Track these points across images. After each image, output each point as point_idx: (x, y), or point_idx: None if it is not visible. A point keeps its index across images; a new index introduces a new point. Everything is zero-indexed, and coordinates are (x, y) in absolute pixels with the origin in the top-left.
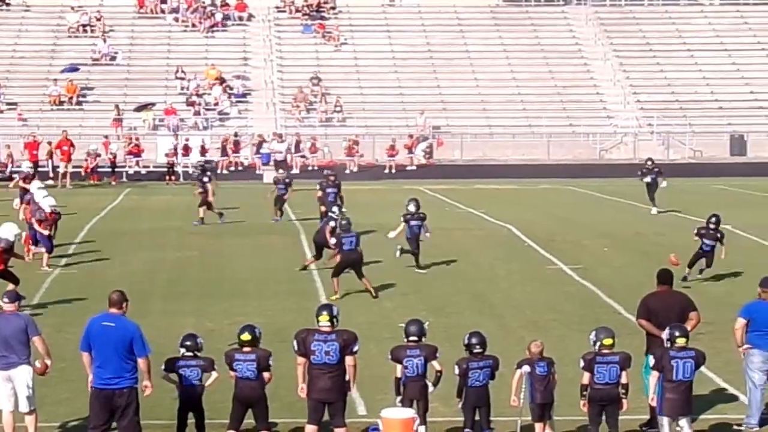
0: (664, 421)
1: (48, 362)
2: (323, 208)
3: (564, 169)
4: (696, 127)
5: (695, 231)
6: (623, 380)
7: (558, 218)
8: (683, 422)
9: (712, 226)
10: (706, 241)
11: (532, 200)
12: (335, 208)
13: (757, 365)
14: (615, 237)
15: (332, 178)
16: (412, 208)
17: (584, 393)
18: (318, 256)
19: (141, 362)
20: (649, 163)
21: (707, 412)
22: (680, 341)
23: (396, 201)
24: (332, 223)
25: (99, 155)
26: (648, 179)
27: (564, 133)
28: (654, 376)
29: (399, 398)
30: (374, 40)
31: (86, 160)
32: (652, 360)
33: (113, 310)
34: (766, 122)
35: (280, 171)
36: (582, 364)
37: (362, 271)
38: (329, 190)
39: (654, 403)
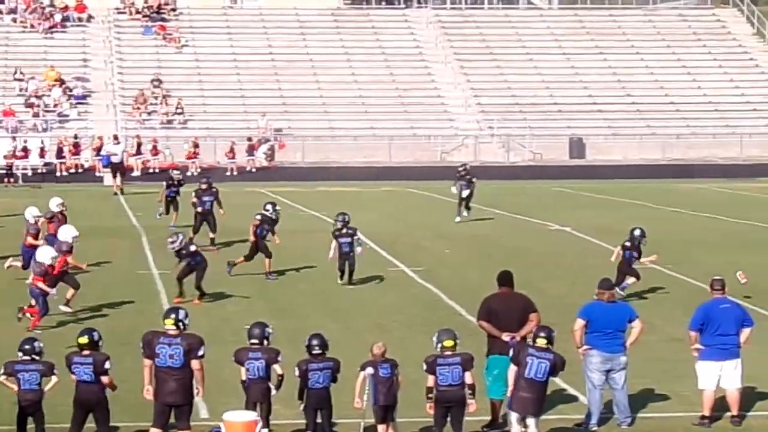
0: (513, 417)
1: None
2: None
3: (405, 172)
4: (536, 129)
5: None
6: (468, 381)
7: (400, 220)
8: (530, 421)
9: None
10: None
11: (374, 202)
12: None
13: (596, 366)
14: (455, 239)
15: (204, 187)
16: (339, 224)
17: (429, 395)
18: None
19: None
20: (462, 169)
21: (548, 412)
22: (540, 342)
23: (238, 204)
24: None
25: None
26: (455, 189)
27: (405, 135)
28: (511, 369)
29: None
30: (215, 42)
31: None
32: (511, 352)
33: None
34: (605, 125)
35: (175, 171)
36: (425, 366)
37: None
38: (205, 198)
39: (510, 395)
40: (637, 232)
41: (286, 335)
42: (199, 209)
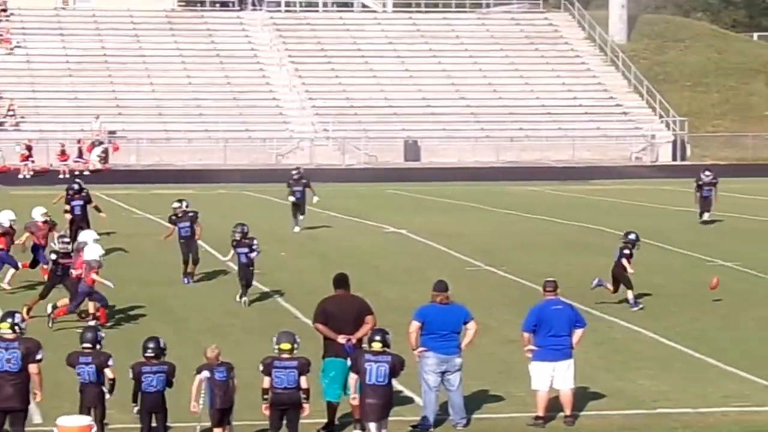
0: (371, 425)
1: None
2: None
3: (241, 174)
4: (371, 132)
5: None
6: (303, 385)
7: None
8: (372, 427)
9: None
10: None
11: (210, 205)
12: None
13: (431, 368)
14: (292, 242)
15: (72, 192)
16: (237, 236)
17: (265, 397)
18: None
19: None
20: (295, 173)
21: None
22: (376, 345)
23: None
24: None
25: None
26: (292, 198)
27: (241, 138)
28: (352, 377)
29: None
30: (48, 43)
31: None
32: (350, 361)
33: None
34: (439, 128)
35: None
36: (261, 368)
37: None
38: (74, 203)
39: (355, 403)
40: (632, 236)
41: (120, 338)
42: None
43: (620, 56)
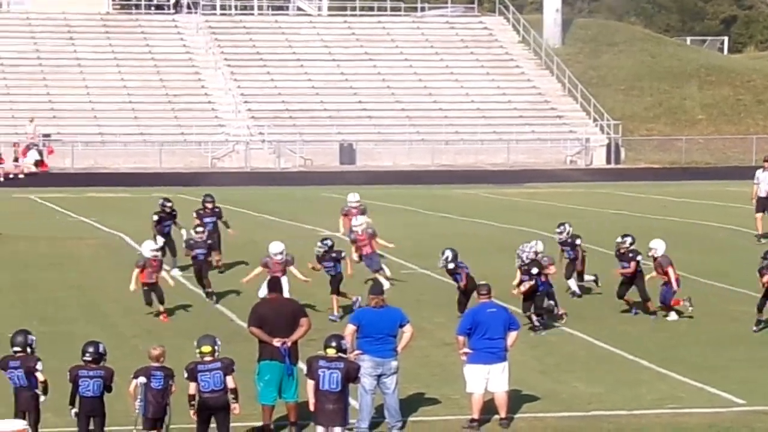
0: (318, 429)
1: None
2: None
3: (176, 177)
4: (306, 135)
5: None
6: (230, 385)
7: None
8: (336, 431)
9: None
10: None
11: (144, 209)
12: None
13: (367, 371)
14: (229, 246)
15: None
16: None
17: (192, 402)
18: None
19: None
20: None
21: None
22: (330, 351)
23: (6, 210)
24: None
25: None
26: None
27: (176, 141)
28: (310, 383)
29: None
30: None
31: None
32: (305, 368)
33: None
34: (375, 131)
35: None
36: (185, 374)
37: None
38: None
39: (312, 408)
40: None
41: (52, 342)
42: None
43: (555, 60)
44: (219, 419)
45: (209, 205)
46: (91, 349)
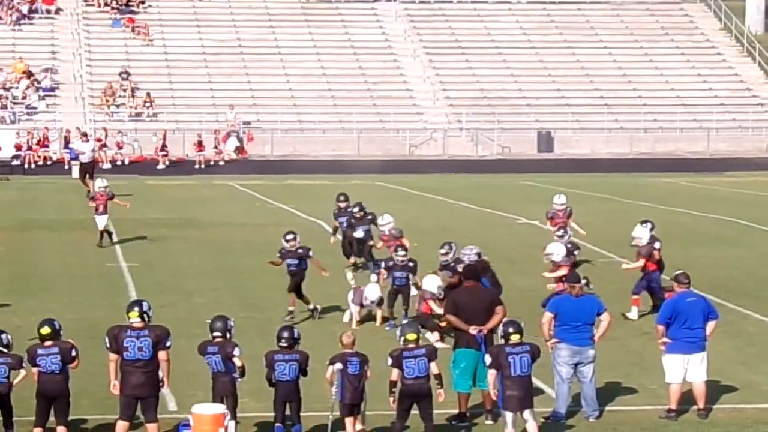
0: (508, 416)
1: None
2: None
3: (374, 165)
4: (504, 123)
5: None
6: (434, 371)
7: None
8: (527, 414)
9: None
10: None
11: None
12: None
13: (564, 359)
14: (424, 232)
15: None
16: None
17: (393, 389)
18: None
19: None
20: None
21: None
22: (514, 337)
23: (207, 196)
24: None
25: None
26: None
27: (374, 129)
28: (491, 374)
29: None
30: (184, 34)
31: None
32: (488, 359)
33: None
34: (573, 119)
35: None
36: (390, 361)
37: None
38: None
39: (495, 398)
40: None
41: (254, 327)
42: None
43: (757, 47)
44: (422, 406)
45: (342, 204)
46: (285, 335)
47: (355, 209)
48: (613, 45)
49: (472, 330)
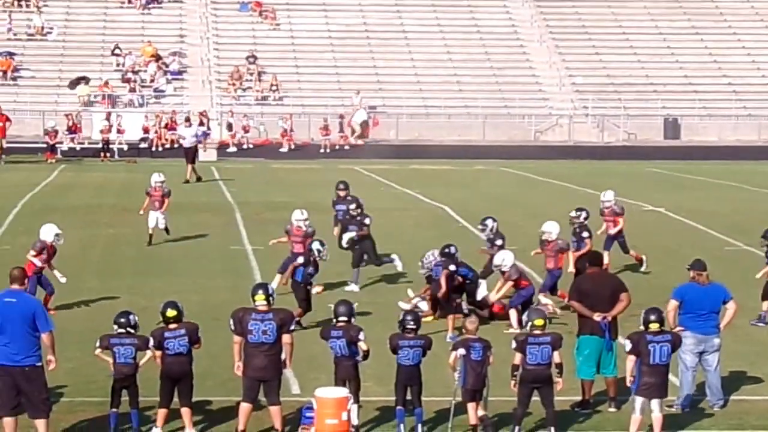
0: (638, 402)
1: None
2: None
3: (499, 150)
4: (630, 110)
5: None
6: (556, 360)
7: (492, 199)
8: (654, 404)
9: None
10: None
11: (467, 181)
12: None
13: (689, 347)
14: (549, 218)
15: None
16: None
17: (515, 373)
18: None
19: (45, 337)
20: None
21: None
22: (654, 326)
23: (332, 181)
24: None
25: (57, 131)
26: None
27: (499, 114)
28: (631, 360)
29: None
30: (311, 18)
31: (46, 136)
32: (628, 345)
33: (14, 286)
34: (700, 106)
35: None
36: (514, 345)
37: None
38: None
39: (631, 384)
40: None
41: (376, 312)
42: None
43: None
44: (543, 392)
45: (342, 193)
46: (410, 318)
47: (352, 206)
48: (743, 31)
49: (597, 317)
